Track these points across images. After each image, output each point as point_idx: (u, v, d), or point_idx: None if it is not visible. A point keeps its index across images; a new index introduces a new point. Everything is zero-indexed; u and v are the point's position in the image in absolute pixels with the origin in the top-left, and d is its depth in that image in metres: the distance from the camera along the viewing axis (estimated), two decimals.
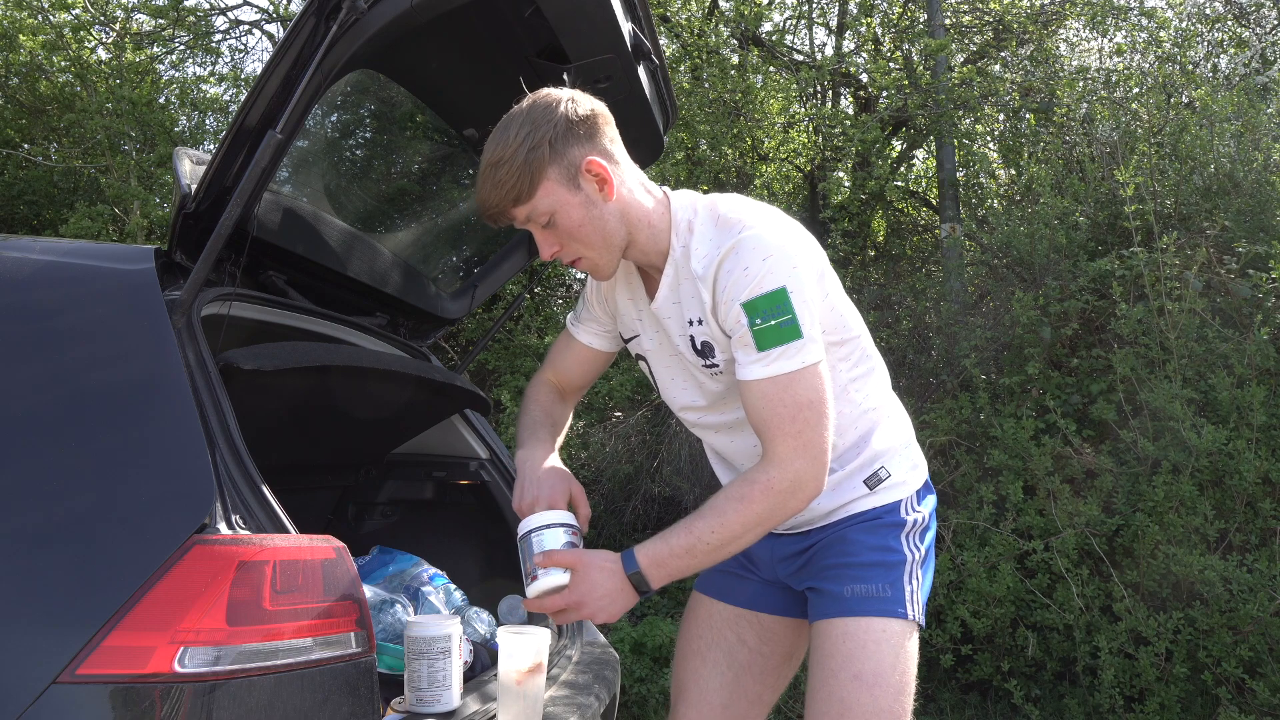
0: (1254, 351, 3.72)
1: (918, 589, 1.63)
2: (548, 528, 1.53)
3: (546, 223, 1.49)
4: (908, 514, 1.67)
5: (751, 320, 1.45)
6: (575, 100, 1.49)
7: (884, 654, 1.56)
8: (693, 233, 1.54)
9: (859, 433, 1.65)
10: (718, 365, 1.58)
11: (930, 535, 1.71)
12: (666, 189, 1.61)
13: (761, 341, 1.45)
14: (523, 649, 1.65)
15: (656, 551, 1.48)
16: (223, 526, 1.28)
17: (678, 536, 1.47)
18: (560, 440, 1.81)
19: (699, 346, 1.58)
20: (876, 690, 1.54)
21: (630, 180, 1.54)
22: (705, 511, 1.48)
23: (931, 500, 1.74)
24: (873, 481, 1.65)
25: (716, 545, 1.46)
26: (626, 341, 1.77)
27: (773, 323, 1.44)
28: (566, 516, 1.56)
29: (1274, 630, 3.32)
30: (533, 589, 1.51)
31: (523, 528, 1.55)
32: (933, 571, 1.72)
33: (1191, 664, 3.45)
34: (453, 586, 2.30)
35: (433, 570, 2.31)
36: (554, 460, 1.69)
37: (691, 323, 1.57)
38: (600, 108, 1.52)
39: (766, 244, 1.45)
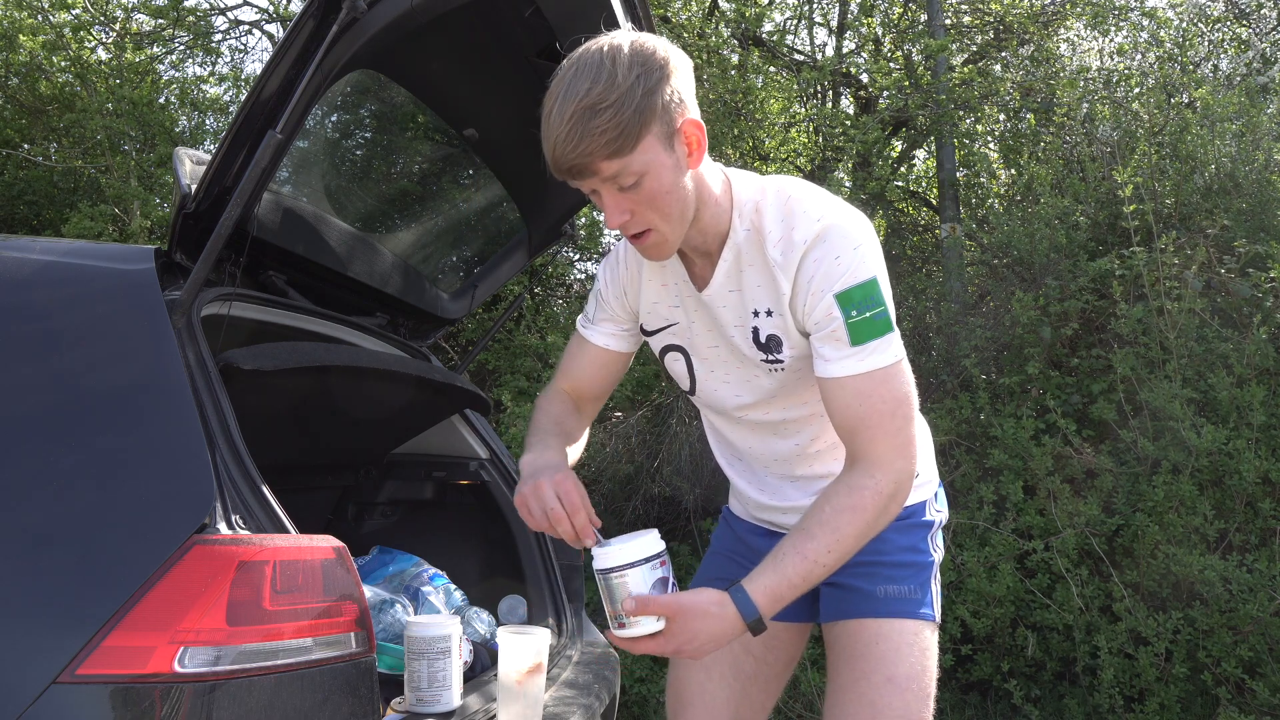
0: (1254, 351, 3.72)
1: (938, 592, 1.60)
2: (632, 566, 1.30)
3: (632, 184, 1.29)
4: (931, 514, 1.65)
5: (846, 313, 1.34)
6: (682, 55, 1.31)
7: (915, 657, 1.52)
8: (761, 215, 1.40)
9: None
10: (782, 361, 1.46)
11: (942, 536, 1.68)
12: (724, 168, 1.46)
13: (856, 335, 1.34)
14: (523, 649, 1.65)
15: (774, 587, 1.30)
16: (223, 526, 1.28)
17: (791, 564, 1.31)
18: (575, 452, 1.61)
19: (763, 340, 1.45)
20: (908, 695, 1.49)
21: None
22: (813, 530, 1.32)
23: (944, 498, 1.72)
24: None
25: (830, 565, 1.32)
26: (651, 334, 1.61)
27: (867, 315, 1.34)
28: (649, 546, 1.32)
29: (1274, 630, 3.32)
30: (625, 633, 1.31)
31: (601, 562, 1.32)
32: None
33: (1191, 664, 3.45)
34: (453, 586, 2.30)
35: (433, 570, 2.31)
36: (560, 463, 1.48)
37: (757, 314, 1.44)
38: (690, 64, 1.34)
39: (854, 233, 1.36)
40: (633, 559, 1.30)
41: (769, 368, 1.49)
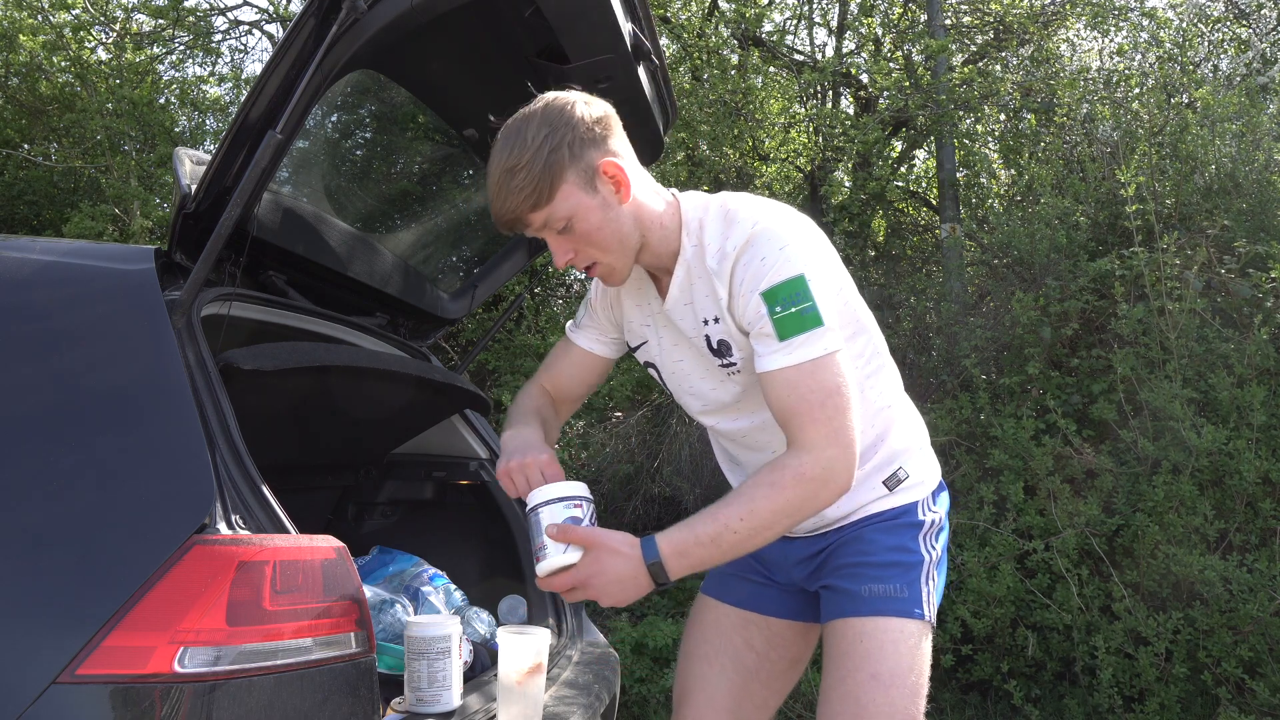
0: (1254, 351, 3.72)
1: (933, 590, 1.62)
2: (547, 504, 1.45)
3: (563, 228, 1.45)
4: (925, 514, 1.66)
5: (771, 309, 1.42)
6: (588, 102, 1.47)
7: (901, 654, 1.55)
8: (703, 229, 1.52)
9: (876, 431, 1.63)
10: (735, 364, 1.55)
11: (945, 536, 1.69)
12: (674, 190, 1.58)
13: (783, 330, 1.42)
14: (523, 649, 1.65)
15: (681, 540, 1.39)
16: (223, 526, 1.28)
17: (703, 524, 1.39)
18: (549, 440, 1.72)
19: (715, 346, 1.55)
20: (893, 691, 1.52)
21: (640, 181, 1.52)
22: (732, 499, 1.41)
23: (946, 500, 1.73)
24: (891, 482, 1.64)
25: (744, 535, 1.39)
26: (633, 350, 1.74)
27: (793, 310, 1.41)
28: (573, 488, 1.46)
29: (1274, 630, 3.32)
30: (540, 568, 1.44)
31: (530, 500, 1.47)
32: (946, 572, 1.70)
33: (1191, 664, 3.45)
34: (453, 586, 2.30)
35: (433, 570, 2.31)
36: (543, 444, 1.61)
37: (706, 322, 1.54)
38: (610, 110, 1.50)
39: (781, 235, 1.44)
40: (548, 497, 1.45)
41: (726, 372, 1.58)
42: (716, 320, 1.52)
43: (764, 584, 1.80)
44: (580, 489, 1.47)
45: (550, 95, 1.46)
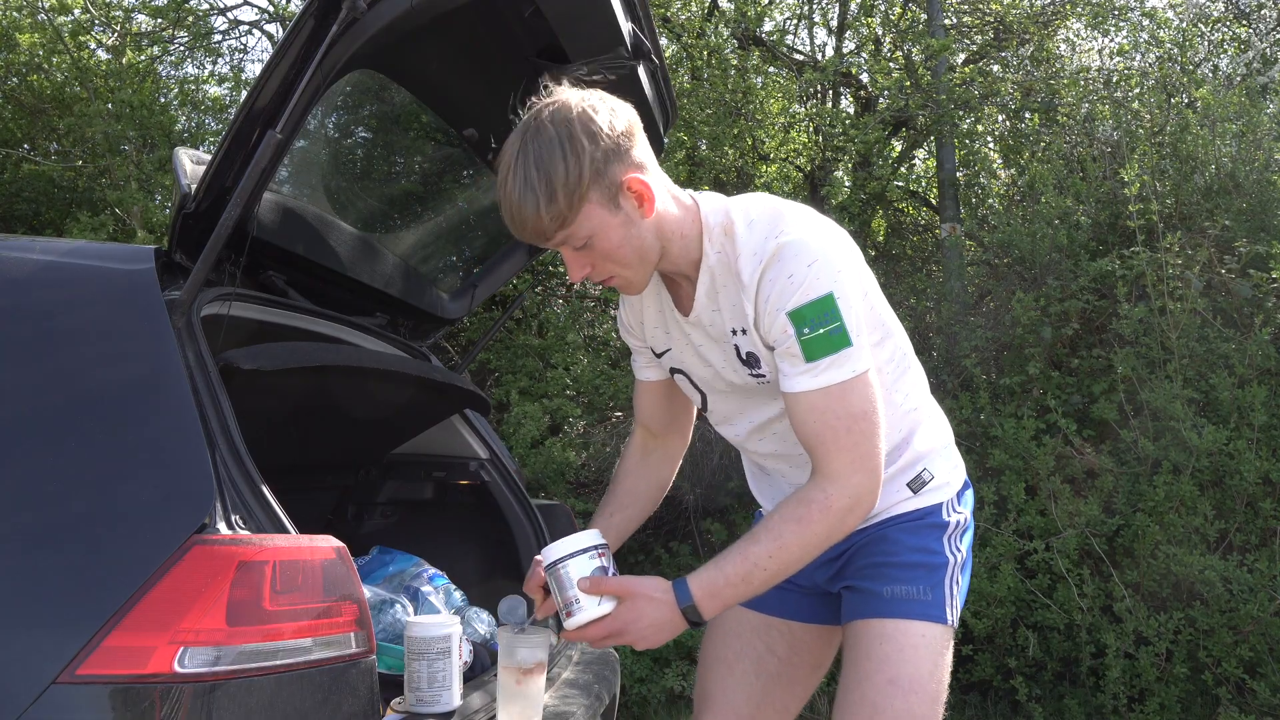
0: (1255, 351, 3.72)
1: (956, 593, 1.57)
2: (572, 556, 1.44)
3: (583, 245, 1.39)
4: (949, 515, 1.62)
5: (799, 330, 1.36)
6: (614, 110, 1.37)
7: (921, 659, 1.50)
8: (731, 239, 1.44)
9: (902, 434, 1.59)
10: (765, 375, 1.49)
11: (969, 536, 1.65)
12: (694, 193, 1.51)
13: (810, 351, 1.37)
14: (523, 649, 1.65)
15: (711, 581, 1.38)
16: (222, 526, 1.28)
17: (732, 564, 1.38)
18: (636, 502, 1.78)
19: (744, 356, 1.50)
20: (912, 697, 1.48)
21: (661, 190, 1.43)
22: (760, 535, 1.39)
23: (971, 499, 1.69)
24: (916, 484, 1.60)
25: (774, 571, 1.38)
26: (659, 356, 1.67)
27: (821, 331, 1.36)
28: (587, 539, 1.46)
29: (1274, 630, 3.32)
30: (574, 621, 1.43)
31: (548, 557, 1.46)
32: (970, 575, 1.66)
33: (1192, 664, 3.45)
34: (453, 586, 2.30)
35: (433, 570, 2.31)
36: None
37: (735, 332, 1.49)
38: (634, 116, 1.40)
39: (810, 248, 1.37)
40: (573, 550, 1.44)
41: (756, 381, 1.52)
42: (744, 331, 1.47)
43: (786, 588, 1.72)
44: (597, 536, 1.47)
45: (573, 98, 1.35)
